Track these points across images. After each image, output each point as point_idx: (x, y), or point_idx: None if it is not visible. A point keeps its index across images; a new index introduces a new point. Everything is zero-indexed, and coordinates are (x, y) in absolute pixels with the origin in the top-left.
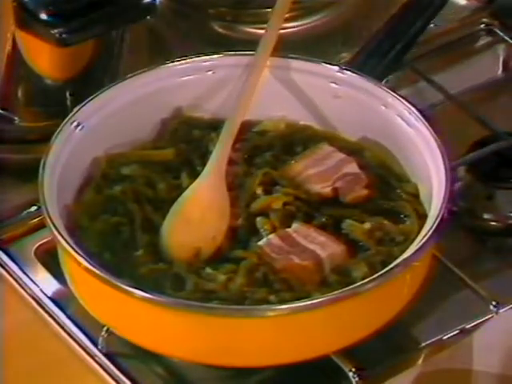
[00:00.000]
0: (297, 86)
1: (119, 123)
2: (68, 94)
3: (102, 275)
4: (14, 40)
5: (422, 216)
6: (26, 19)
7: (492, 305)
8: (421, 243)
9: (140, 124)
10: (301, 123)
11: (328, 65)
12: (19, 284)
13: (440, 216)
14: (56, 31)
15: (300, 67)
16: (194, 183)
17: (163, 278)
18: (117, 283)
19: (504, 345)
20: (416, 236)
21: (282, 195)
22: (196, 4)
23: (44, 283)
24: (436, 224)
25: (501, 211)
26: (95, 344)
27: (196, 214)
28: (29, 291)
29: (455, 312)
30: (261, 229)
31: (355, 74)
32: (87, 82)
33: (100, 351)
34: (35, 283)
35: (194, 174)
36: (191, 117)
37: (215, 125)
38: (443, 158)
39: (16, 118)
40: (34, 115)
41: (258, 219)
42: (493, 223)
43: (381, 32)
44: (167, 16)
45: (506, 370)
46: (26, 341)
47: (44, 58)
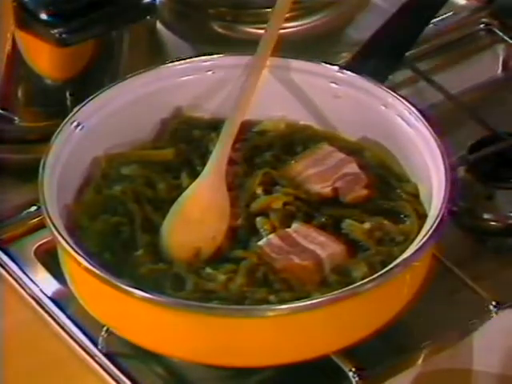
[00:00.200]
0: (297, 86)
1: (119, 123)
2: (68, 94)
3: (102, 275)
4: (14, 40)
5: (422, 216)
6: (26, 19)
7: (492, 305)
8: (421, 243)
9: (140, 124)
10: (301, 123)
11: (328, 65)
12: (19, 284)
13: (440, 216)
14: (56, 31)
15: (300, 67)
16: (194, 183)
17: (163, 278)
18: (117, 283)
19: (504, 345)
20: (416, 236)
21: (282, 195)
22: (196, 4)
23: (44, 283)
24: (436, 224)
25: (501, 211)
26: (95, 344)
27: (196, 214)
28: (29, 291)
29: (455, 312)
30: (261, 229)
31: (355, 74)
32: (87, 82)
33: (100, 351)
34: (35, 283)
35: (194, 174)
36: (191, 117)
37: (215, 125)
38: (443, 158)
39: (16, 118)
40: (34, 115)
41: (258, 219)
42: (493, 223)
43: (381, 32)
44: (167, 16)
45: (506, 370)
46: (26, 341)
47: (44, 58)
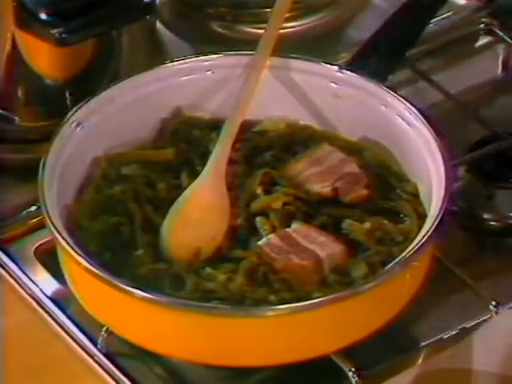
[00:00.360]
0: (297, 86)
1: (119, 123)
2: (68, 94)
3: (102, 275)
4: (14, 40)
5: (422, 216)
6: (26, 19)
7: (492, 305)
8: (420, 243)
9: (140, 124)
10: (301, 123)
11: (328, 65)
12: (19, 284)
13: (440, 216)
14: (56, 31)
15: (300, 67)
16: (194, 183)
17: (163, 278)
18: (117, 283)
19: (504, 345)
20: (416, 236)
21: (282, 195)
22: (196, 4)
23: (44, 283)
24: (436, 224)
25: (501, 211)
26: (95, 344)
27: (196, 214)
28: (29, 291)
29: (455, 312)
30: (260, 229)
31: (355, 74)
32: (87, 82)
33: (100, 351)
34: (35, 283)
35: (194, 174)
36: (191, 117)
37: (215, 125)
38: (443, 158)
39: (16, 118)
40: (34, 115)
41: (258, 219)
42: (493, 223)
43: (381, 32)
44: (167, 16)
45: (506, 370)
46: (26, 341)
47: (44, 58)
